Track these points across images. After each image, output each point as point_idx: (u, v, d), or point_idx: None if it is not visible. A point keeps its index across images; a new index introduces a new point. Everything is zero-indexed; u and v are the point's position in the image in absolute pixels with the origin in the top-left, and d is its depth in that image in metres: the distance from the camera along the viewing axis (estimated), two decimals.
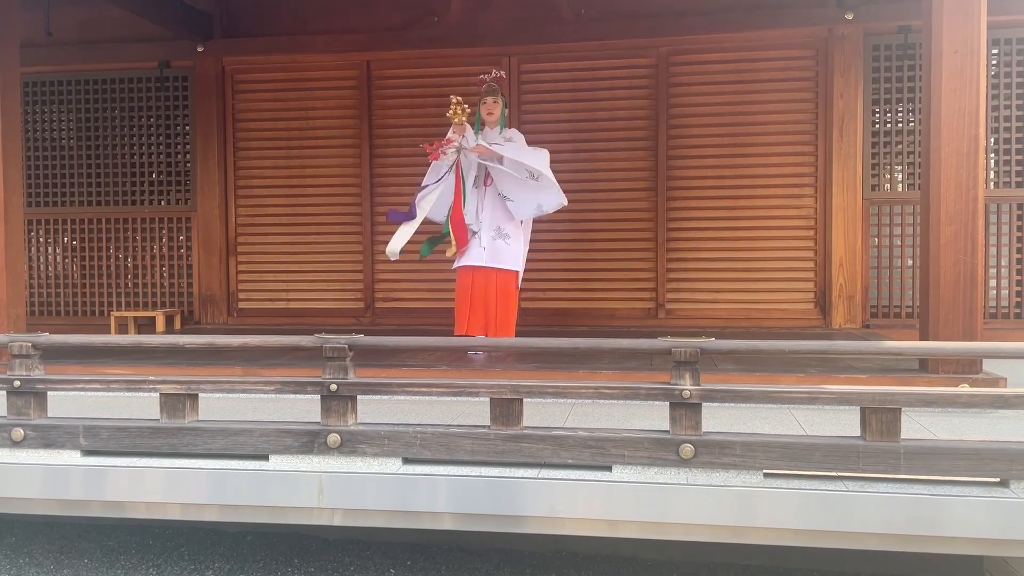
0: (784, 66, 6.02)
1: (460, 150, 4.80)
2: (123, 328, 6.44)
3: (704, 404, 2.68)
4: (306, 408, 3.38)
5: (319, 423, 2.87)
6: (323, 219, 6.62)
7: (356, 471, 2.81)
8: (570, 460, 2.72)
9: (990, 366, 3.82)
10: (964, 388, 3.14)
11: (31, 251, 6.88)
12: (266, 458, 2.88)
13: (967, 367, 3.72)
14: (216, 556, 3.56)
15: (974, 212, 3.70)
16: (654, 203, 6.18)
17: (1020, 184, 5.74)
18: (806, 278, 6.04)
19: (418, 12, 6.37)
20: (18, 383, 2.99)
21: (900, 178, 5.98)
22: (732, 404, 2.92)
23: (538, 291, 6.21)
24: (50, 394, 3.08)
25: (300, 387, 2.92)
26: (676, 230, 6.17)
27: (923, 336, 3.90)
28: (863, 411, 2.61)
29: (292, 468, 2.84)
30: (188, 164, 6.76)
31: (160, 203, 6.85)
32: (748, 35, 5.97)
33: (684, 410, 2.67)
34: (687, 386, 2.66)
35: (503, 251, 4.85)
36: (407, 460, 2.83)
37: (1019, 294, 5.78)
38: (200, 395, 3.00)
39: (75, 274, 6.93)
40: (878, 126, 5.93)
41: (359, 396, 2.89)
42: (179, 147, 6.81)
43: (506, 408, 2.77)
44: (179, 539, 3.74)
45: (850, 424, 2.84)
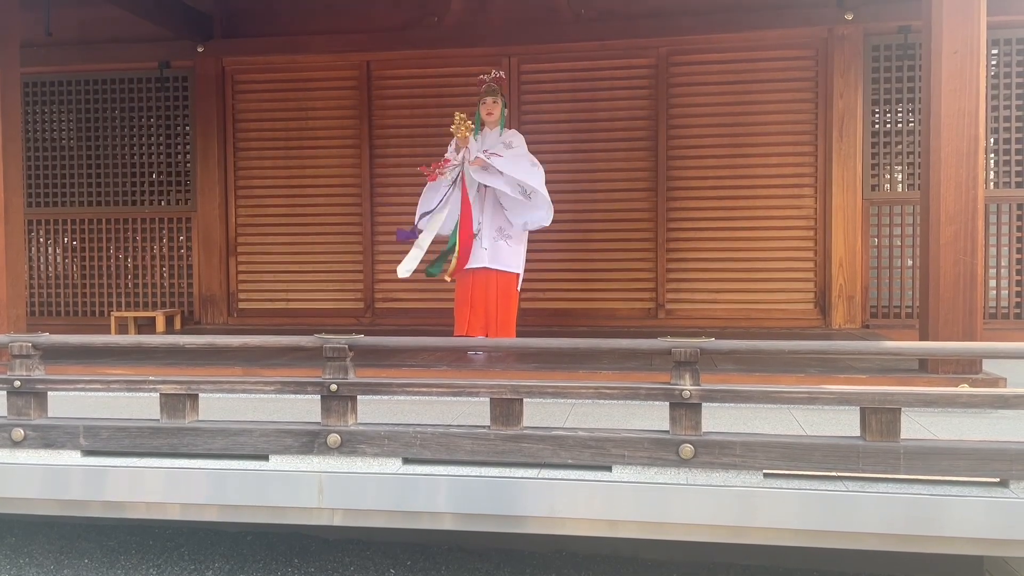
0: (784, 66, 6.02)
1: (458, 167, 4.77)
2: (123, 328, 6.45)
3: (704, 404, 2.68)
4: (306, 408, 3.38)
5: (319, 423, 2.87)
6: (323, 219, 6.62)
7: (356, 471, 2.81)
8: (570, 460, 2.72)
9: (990, 366, 3.82)
10: (964, 388, 3.15)
11: (31, 251, 6.88)
12: (266, 458, 2.88)
13: (967, 367, 3.72)
14: (216, 556, 3.56)
15: (974, 212, 3.70)
16: (654, 203, 6.18)
17: (1020, 184, 5.74)
18: (806, 278, 6.04)
19: (418, 12, 6.37)
20: (18, 383, 2.99)
21: (900, 178, 5.99)
22: (732, 404, 2.92)
23: (538, 291, 6.21)
24: (50, 394, 3.08)
25: (300, 387, 2.92)
26: (676, 230, 6.17)
27: (923, 336, 3.90)
28: (863, 411, 2.61)
29: (292, 468, 2.85)
30: (188, 164, 6.77)
31: (160, 203, 6.85)
32: (748, 35, 5.97)
33: (684, 410, 2.67)
34: (687, 386, 2.66)
35: (504, 252, 4.84)
36: (407, 460, 2.83)
37: (1019, 294, 5.78)
38: (200, 395, 3.00)
39: (75, 274, 6.93)
40: (878, 126, 5.93)
41: (359, 396, 2.89)
42: (179, 147, 6.81)
43: (506, 408, 2.77)
44: (179, 539, 3.74)
45: (850, 424, 2.84)
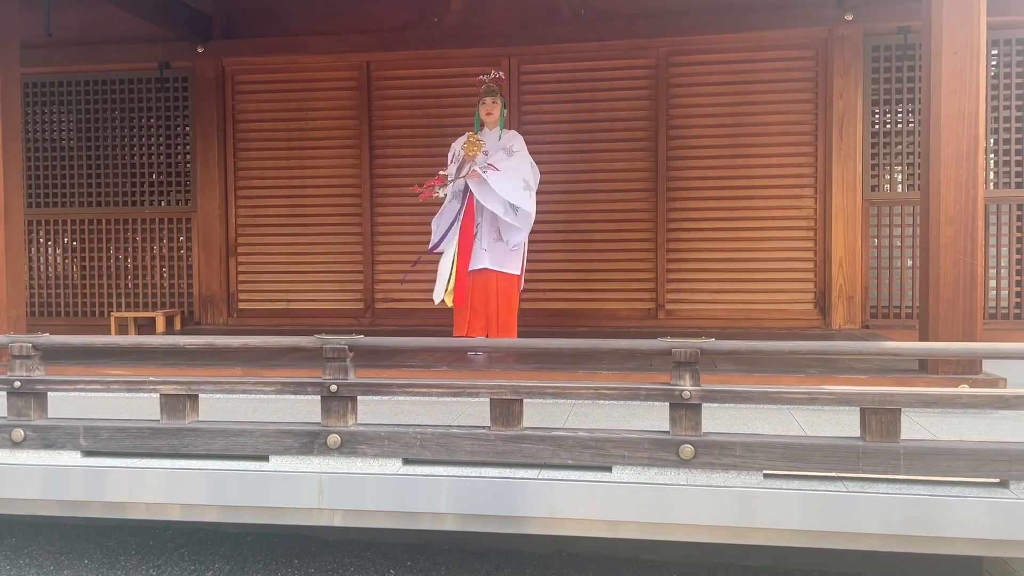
0: (784, 67, 6.02)
1: (452, 181, 4.79)
2: (123, 329, 6.45)
3: (704, 405, 2.67)
4: (306, 409, 3.38)
5: (319, 424, 2.87)
6: (323, 220, 6.62)
7: (356, 472, 2.81)
8: (570, 461, 2.72)
9: (990, 367, 3.82)
10: (964, 389, 3.16)
11: (31, 252, 6.88)
12: (266, 459, 2.88)
13: (967, 367, 3.72)
14: (216, 557, 3.56)
15: (974, 213, 3.70)
16: (654, 204, 6.18)
17: (1020, 184, 5.74)
18: (806, 279, 6.04)
19: (418, 13, 6.37)
20: (18, 384, 2.99)
21: (900, 179, 5.99)
22: (732, 405, 2.93)
23: (538, 291, 6.20)
24: (50, 395, 3.08)
25: (300, 388, 2.92)
26: (676, 231, 6.17)
27: (923, 336, 3.90)
28: (863, 412, 2.61)
29: (292, 469, 2.85)
30: (188, 165, 6.77)
31: (160, 204, 6.85)
32: (748, 36, 5.97)
33: (684, 411, 2.67)
34: (687, 387, 2.66)
35: (504, 253, 4.84)
36: (407, 461, 2.83)
37: (1019, 294, 5.78)
38: (200, 396, 3.00)
39: (75, 275, 6.93)
40: (878, 126, 5.93)
41: (359, 397, 2.89)
42: (179, 148, 6.81)
43: (506, 409, 2.77)
44: (179, 540, 3.74)
45: (850, 425, 2.84)
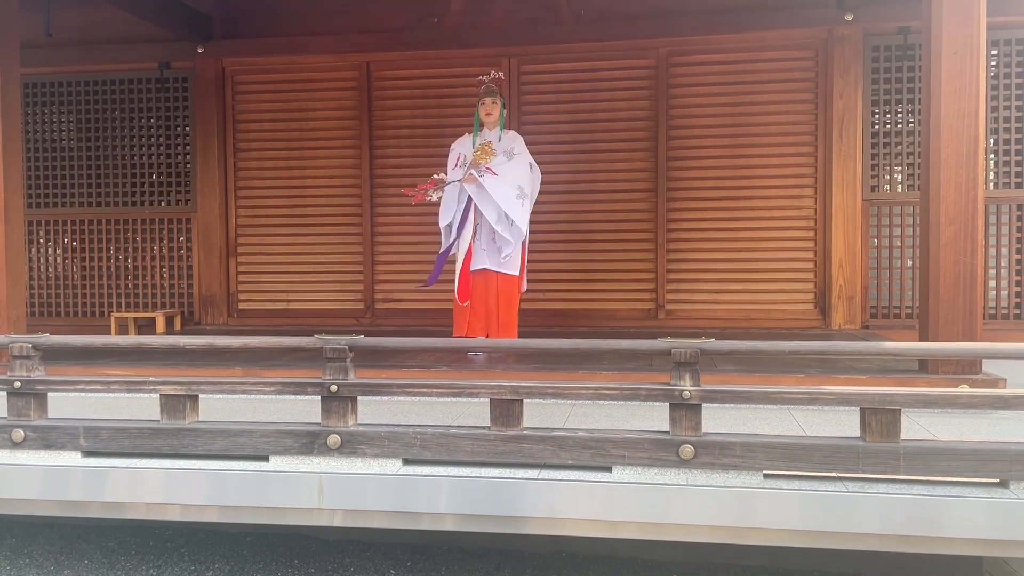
0: (784, 67, 6.02)
1: (449, 184, 4.80)
2: (123, 329, 6.45)
3: (704, 405, 2.67)
4: (306, 409, 3.38)
5: (319, 424, 2.87)
6: (323, 220, 6.62)
7: (356, 472, 2.81)
8: (570, 461, 2.72)
9: (990, 367, 3.82)
10: (964, 389, 3.16)
11: (31, 252, 6.88)
12: (266, 459, 2.88)
13: (967, 368, 3.73)
14: (216, 557, 3.56)
15: (974, 213, 3.70)
16: (654, 204, 6.18)
17: (1020, 185, 5.74)
18: (806, 279, 6.04)
19: (418, 13, 6.37)
20: (18, 384, 2.99)
21: (900, 179, 5.99)
22: (732, 405, 2.93)
23: (538, 291, 6.20)
24: (50, 395, 3.08)
25: (300, 388, 2.92)
26: (676, 231, 6.17)
27: (923, 337, 3.90)
28: (863, 412, 2.61)
29: (292, 469, 2.85)
30: (188, 165, 6.77)
31: (160, 204, 6.85)
32: (747, 36, 5.97)
33: (684, 411, 2.67)
34: (687, 387, 2.66)
35: (504, 253, 4.83)
36: (407, 461, 2.83)
37: (1019, 294, 5.78)
38: (200, 396, 3.00)
39: (75, 275, 6.93)
40: (878, 127, 5.93)
41: (359, 397, 2.89)
42: (179, 148, 6.81)
43: (506, 409, 2.77)
44: (179, 540, 3.74)
45: (850, 425, 2.84)
